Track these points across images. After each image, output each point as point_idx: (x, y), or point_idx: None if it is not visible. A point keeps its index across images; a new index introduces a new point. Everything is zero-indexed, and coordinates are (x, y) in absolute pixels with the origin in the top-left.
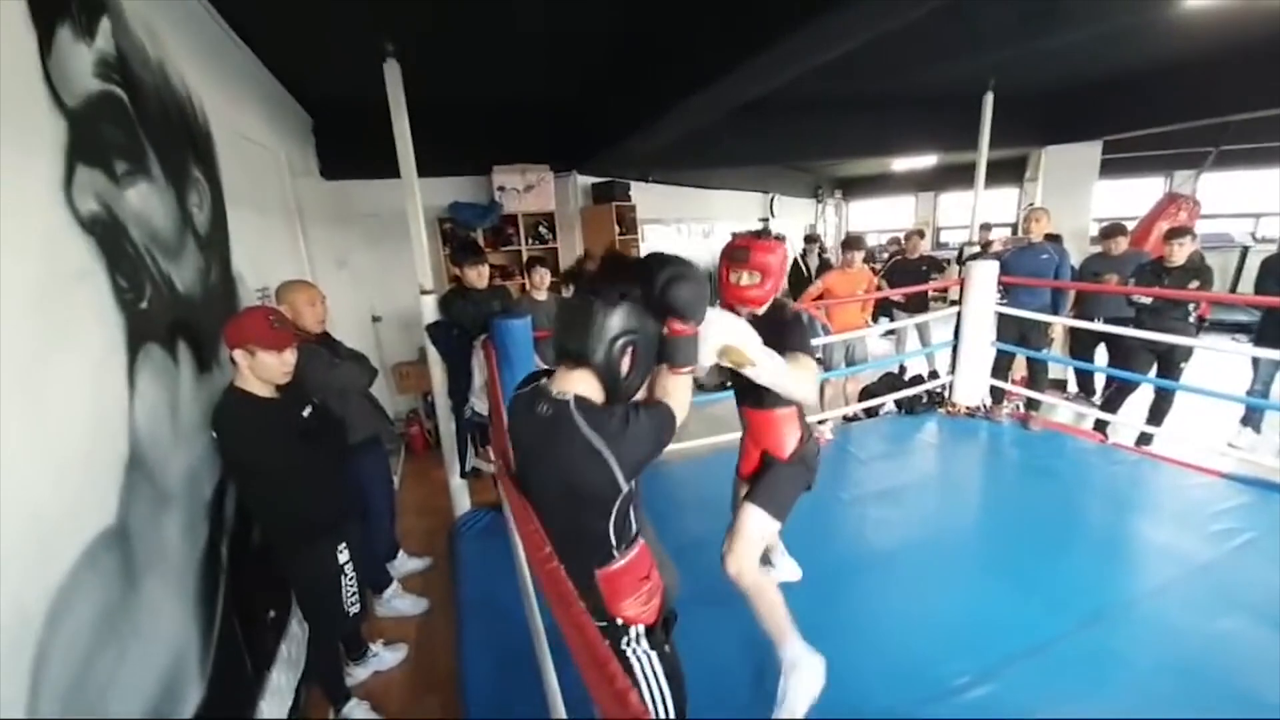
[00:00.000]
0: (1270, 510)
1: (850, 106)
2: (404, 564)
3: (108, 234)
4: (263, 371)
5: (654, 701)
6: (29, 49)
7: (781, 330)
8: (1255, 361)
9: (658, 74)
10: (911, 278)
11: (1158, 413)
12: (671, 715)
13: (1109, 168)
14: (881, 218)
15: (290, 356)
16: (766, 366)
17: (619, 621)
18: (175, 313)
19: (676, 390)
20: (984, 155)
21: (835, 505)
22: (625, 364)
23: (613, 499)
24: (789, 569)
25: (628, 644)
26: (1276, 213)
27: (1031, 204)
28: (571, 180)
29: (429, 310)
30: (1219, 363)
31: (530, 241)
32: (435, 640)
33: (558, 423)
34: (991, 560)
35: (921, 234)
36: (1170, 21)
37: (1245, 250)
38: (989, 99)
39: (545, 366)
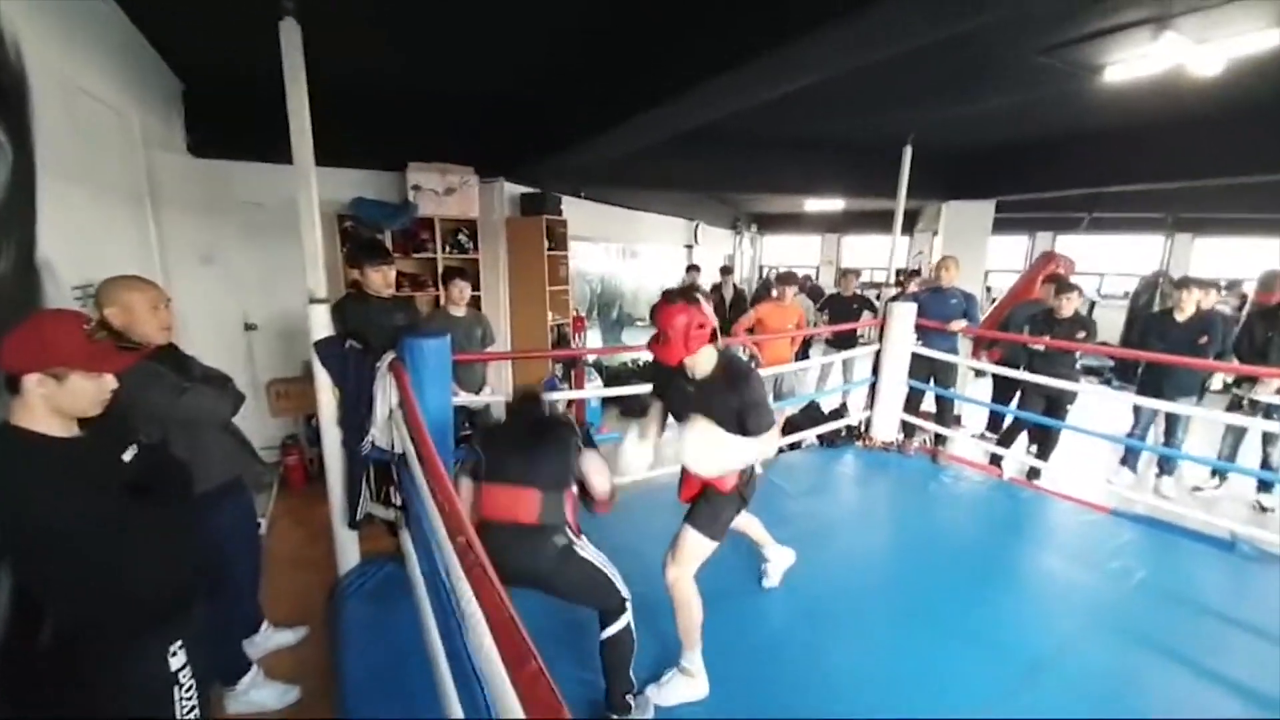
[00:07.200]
0: (1154, 547)
1: (778, 145)
2: (268, 639)
3: None
4: (70, 402)
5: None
6: None
7: (739, 393)
8: (1136, 408)
9: (613, 83)
10: (845, 313)
11: (1045, 449)
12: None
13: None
14: (792, 254)
15: (112, 381)
16: (747, 461)
17: None
18: None
19: None
20: (902, 203)
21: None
22: None
23: None
24: (781, 556)
25: None
26: (1119, 273)
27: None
28: (498, 187)
29: (320, 323)
30: (1097, 405)
31: (447, 249)
32: None
33: None
34: (926, 606)
35: (857, 273)
36: (1077, 96)
37: (1092, 304)
38: (908, 151)
39: (463, 393)
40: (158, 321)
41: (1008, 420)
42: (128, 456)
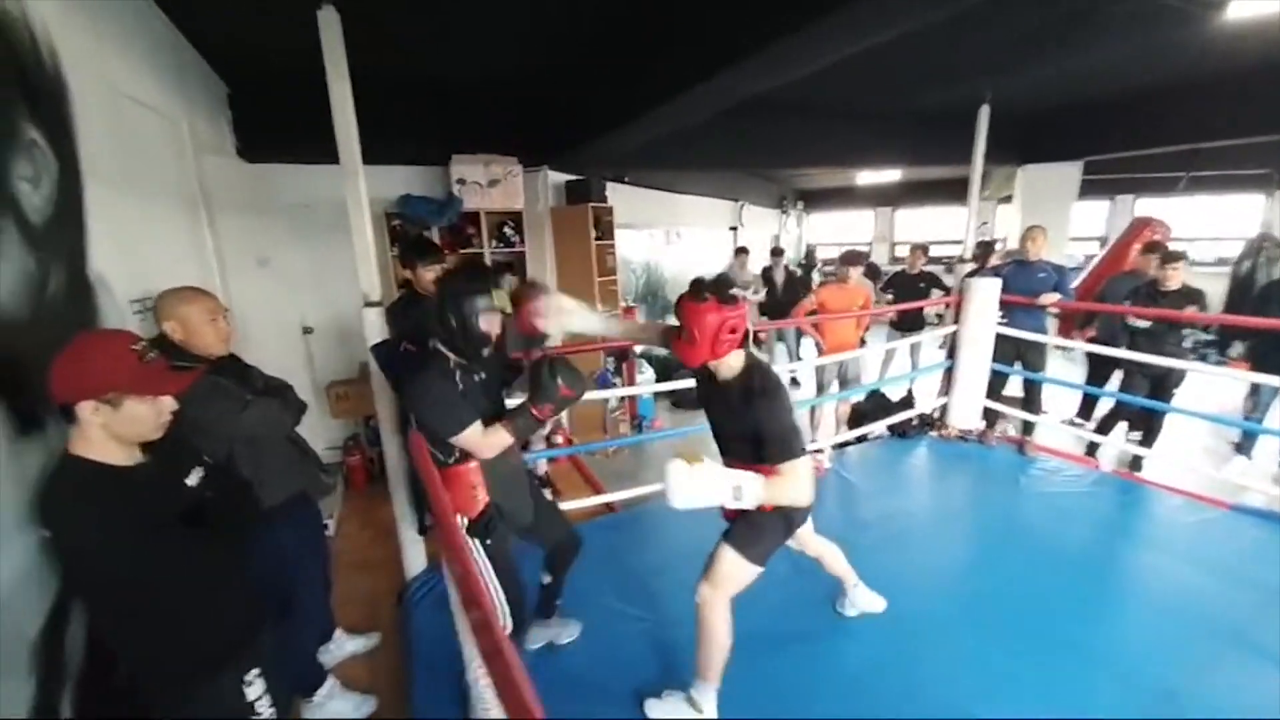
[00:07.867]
0: None
1: (832, 115)
2: (342, 646)
3: None
4: (128, 428)
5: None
6: None
7: (755, 412)
8: (1254, 387)
9: (657, 59)
10: (912, 293)
11: (1149, 436)
12: (498, 592)
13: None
14: (840, 231)
15: (170, 402)
16: (749, 502)
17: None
18: None
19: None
20: (978, 170)
21: (848, 552)
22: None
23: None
24: (869, 601)
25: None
26: (1208, 237)
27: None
28: (542, 176)
29: (374, 326)
30: (1203, 385)
31: (494, 244)
32: None
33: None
34: (1035, 625)
35: (925, 249)
36: (1185, 41)
37: None
38: (984, 113)
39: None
40: (216, 333)
41: (1103, 405)
42: (193, 481)
